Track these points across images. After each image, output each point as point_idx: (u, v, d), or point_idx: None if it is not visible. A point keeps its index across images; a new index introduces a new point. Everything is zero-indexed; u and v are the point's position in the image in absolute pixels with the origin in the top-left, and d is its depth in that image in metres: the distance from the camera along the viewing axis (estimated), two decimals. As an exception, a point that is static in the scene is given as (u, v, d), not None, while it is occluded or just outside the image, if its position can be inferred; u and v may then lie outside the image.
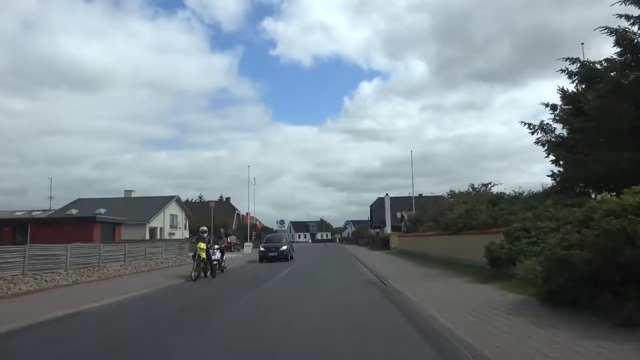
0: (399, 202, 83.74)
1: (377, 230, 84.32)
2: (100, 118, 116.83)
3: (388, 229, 76.97)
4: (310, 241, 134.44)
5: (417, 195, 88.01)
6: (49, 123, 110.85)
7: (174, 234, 42.75)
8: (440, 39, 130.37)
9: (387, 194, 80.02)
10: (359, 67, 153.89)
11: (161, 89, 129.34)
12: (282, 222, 62.12)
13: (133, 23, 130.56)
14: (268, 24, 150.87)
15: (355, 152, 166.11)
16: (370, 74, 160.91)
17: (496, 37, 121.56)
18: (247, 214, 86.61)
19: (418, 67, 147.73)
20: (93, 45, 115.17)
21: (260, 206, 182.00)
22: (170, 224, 45.20)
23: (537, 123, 16.49)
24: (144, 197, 45.87)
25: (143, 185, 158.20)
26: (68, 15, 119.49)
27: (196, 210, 67.46)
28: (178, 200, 46.84)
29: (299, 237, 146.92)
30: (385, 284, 13.91)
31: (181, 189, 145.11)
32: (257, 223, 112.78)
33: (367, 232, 75.65)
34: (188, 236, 41.58)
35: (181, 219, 47.71)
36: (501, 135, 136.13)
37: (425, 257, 24.29)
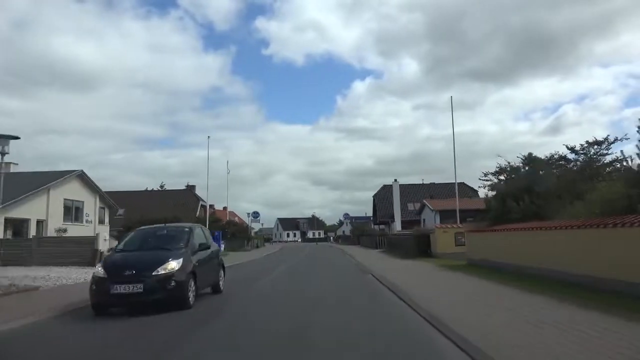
0: (409, 192, 67.27)
1: (382, 226, 67.80)
2: (93, 118, 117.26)
3: (397, 225, 60.41)
4: (300, 240, 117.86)
5: (429, 183, 72.02)
6: (43, 122, 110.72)
7: (65, 230, 25.80)
8: (433, 38, 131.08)
9: (395, 180, 63.57)
10: (352, 66, 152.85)
11: (154, 88, 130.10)
12: (255, 215, 45.59)
13: (126, 23, 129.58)
14: (261, 23, 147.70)
15: (348, 151, 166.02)
16: (363, 73, 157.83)
17: (489, 37, 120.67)
18: (224, 208, 70.34)
19: (411, 66, 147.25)
20: (86, 45, 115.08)
21: (254, 205, 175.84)
22: (68, 214, 28.21)
23: None
24: (28, 172, 28.84)
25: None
26: (61, 15, 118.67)
27: (139, 199, 51.21)
28: (82, 177, 29.74)
29: (288, 235, 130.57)
30: None
31: (175, 188, 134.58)
32: (237, 219, 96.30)
33: (369, 229, 58.90)
34: (108, 235, 24.85)
35: (92, 207, 30.66)
36: (494, 134, 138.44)
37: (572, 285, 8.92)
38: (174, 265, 8.10)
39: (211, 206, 79.86)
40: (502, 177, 20.86)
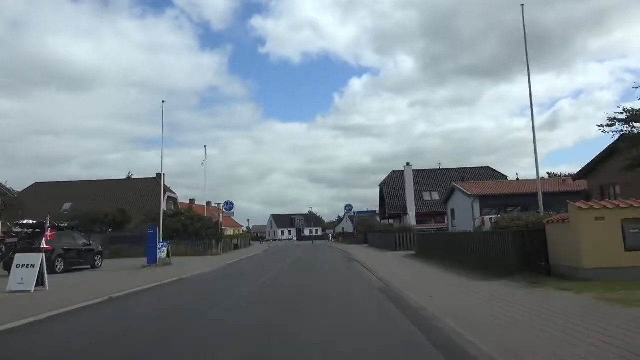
0: (423, 179, 55.80)
1: (391, 220, 56.15)
2: (89, 118, 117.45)
3: (411, 218, 48.86)
4: (295, 239, 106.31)
5: (437, 168, 60.43)
6: (38, 123, 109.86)
7: None
8: (428, 36, 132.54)
9: (408, 164, 51.99)
10: (348, 64, 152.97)
11: (151, 88, 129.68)
12: (229, 205, 34.05)
13: (121, 22, 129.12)
14: (257, 22, 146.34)
15: (345, 149, 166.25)
16: (360, 71, 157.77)
17: (484, 33, 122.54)
18: (207, 203, 58.74)
19: (407, 63, 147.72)
20: (82, 44, 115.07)
21: (251, 204, 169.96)
22: None
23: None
24: None
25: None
26: (56, 15, 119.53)
27: (98, 190, 42.27)
28: None
29: (282, 233, 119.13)
30: None
31: (172, 188, 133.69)
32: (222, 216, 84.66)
33: (378, 223, 47.35)
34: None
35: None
36: (490, 130, 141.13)
37: None
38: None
39: (191, 200, 68.52)
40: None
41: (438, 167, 56.43)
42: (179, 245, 31.14)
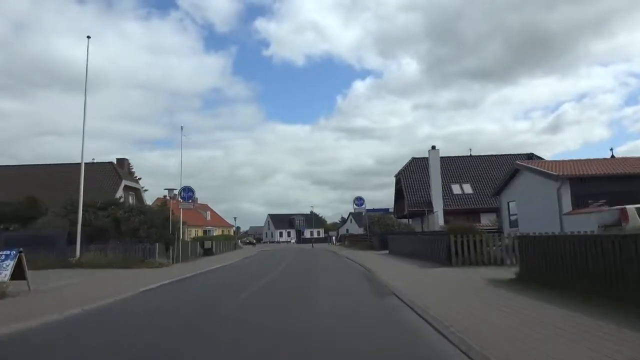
0: (450, 168, 44.99)
1: (409, 220, 45.25)
2: (92, 119, 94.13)
3: (438, 217, 38.19)
4: (294, 241, 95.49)
5: (468, 155, 49.44)
6: (41, 124, 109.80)
7: None
8: (431, 38, 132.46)
9: (433, 147, 41.20)
10: (351, 66, 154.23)
11: (155, 89, 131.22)
12: (187, 193, 23.35)
13: (126, 24, 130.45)
14: (261, 24, 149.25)
15: (348, 151, 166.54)
16: (363, 73, 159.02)
17: (487, 36, 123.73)
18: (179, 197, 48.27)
19: (410, 66, 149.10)
20: (86, 46, 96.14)
21: (253, 205, 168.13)
22: None
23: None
24: None
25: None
26: (61, 16, 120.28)
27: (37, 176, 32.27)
28: None
29: (281, 235, 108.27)
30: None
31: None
32: (210, 214, 73.94)
33: (393, 222, 36.57)
34: None
35: None
36: (493, 133, 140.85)
37: None
38: None
39: (165, 195, 57.67)
40: None
41: (469, 154, 45.52)
42: (107, 250, 20.49)
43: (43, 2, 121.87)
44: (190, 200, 24.14)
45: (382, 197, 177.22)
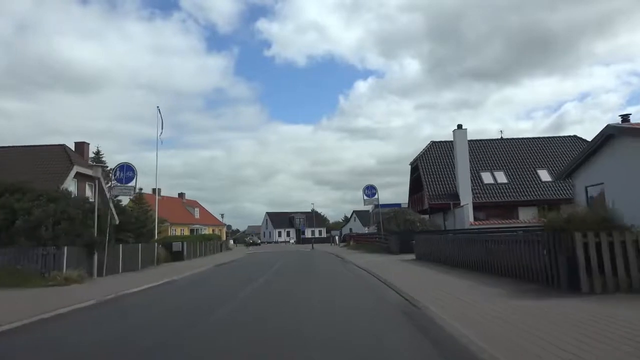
0: (477, 151, 37.58)
1: (425, 216, 37.66)
2: (95, 119, 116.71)
3: (468, 212, 31.10)
4: (293, 241, 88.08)
5: (499, 138, 41.89)
6: (45, 124, 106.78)
7: None
8: (433, 38, 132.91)
9: (459, 126, 33.77)
10: (353, 66, 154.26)
11: (157, 89, 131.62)
12: (127, 173, 15.94)
13: (129, 24, 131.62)
14: (262, 24, 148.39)
15: (350, 151, 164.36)
16: (365, 73, 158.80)
17: (489, 37, 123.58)
18: (156, 191, 41.47)
19: (412, 66, 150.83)
20: (89, 46, 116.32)
21: (255, 205, 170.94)
22: None
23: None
24: None
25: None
26: (64, 17, 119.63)
27: None
28: None
29: (279, 235, 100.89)
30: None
31: (177, 189, 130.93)
32: (199, 211, 66.37)
33: (418, 219, 29.04)
34: None
35: None
36: (495, 133, 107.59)
37: None
38: None
39: (155, 189, 50.09)
40: None
41: (500, 137, 37.98)
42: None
43: (46, 3, 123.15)
44: (130, 184, 16.77)
45: (386, 196, 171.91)
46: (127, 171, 16.42)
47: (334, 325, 6.75)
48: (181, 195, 66.54)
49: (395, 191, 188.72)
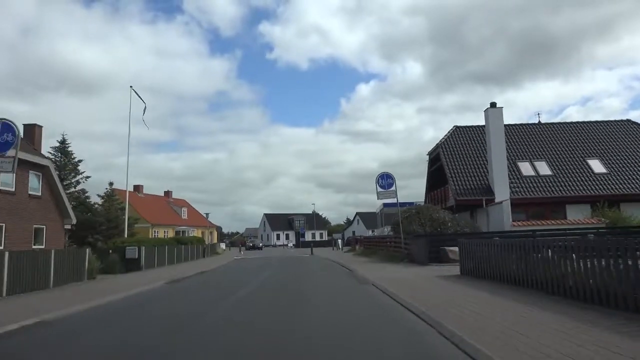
0: (512, 138, 31.24)
1: (449, 215, 31.23)
2: (98, 121, 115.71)
3: (505, 212, 24.98)
4: (292, 244, 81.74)
5: (536, 122, 35.34)
6: (48, 127, 71.70)
7: None
8: (435, 42, 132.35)
9: (492, 104, 27.55)
10: (355, 70, 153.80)
11: (160, 92, 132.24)
12: (2, 136, 9.71)
13: (132, 27, 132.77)
14: (265, 28, 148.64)
15: (353, 154, 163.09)
16: (367, 76, 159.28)
17: (491, 40, 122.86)
18: (134, 188, 35.43)
19: (414, 69, 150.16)
20: (92, 49, 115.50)
21: (259, 207, 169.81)
22: None
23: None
24: None
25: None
26: (67, 20, 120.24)
27: None
28: None
29: (278, 237, 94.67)
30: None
31: (179, 191, 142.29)
32: (187, 210, 60.06)
33: (446, 217, 22.58)
34: None
35: None
36: None
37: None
38: None
39: (111, 183, 43.79)
40: None
41: (537, 122, 31.69)
42: None
43: (50, 5, 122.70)
44: (8, 153, 10.56)
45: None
46: (3, 132, 10.25)
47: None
48: (167, 193, 60.34)
49: (401, 193, 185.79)
